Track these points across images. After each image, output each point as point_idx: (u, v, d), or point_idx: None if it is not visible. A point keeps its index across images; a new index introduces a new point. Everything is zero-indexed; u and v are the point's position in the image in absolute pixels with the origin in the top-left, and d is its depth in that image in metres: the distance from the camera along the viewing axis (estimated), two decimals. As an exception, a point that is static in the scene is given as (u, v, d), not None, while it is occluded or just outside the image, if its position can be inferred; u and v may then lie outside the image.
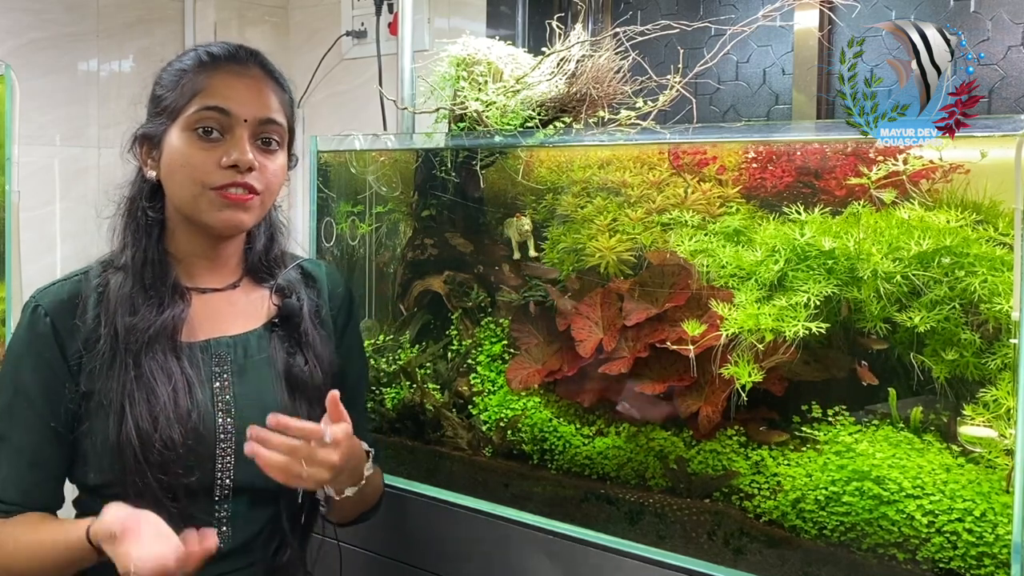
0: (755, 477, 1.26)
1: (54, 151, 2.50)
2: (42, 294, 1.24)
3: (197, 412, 1.19)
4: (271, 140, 1.24)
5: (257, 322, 1.30)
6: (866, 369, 1.22)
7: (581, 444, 1.42)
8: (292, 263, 1.37)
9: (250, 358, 1.27)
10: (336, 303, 1.40)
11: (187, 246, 1.27)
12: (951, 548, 1.10)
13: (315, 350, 1.31)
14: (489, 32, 2.29)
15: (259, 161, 1.21)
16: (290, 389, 1.28)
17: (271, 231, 1.35)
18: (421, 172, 1.71)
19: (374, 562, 1.57)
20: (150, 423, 1.16)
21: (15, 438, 1.20)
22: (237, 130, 1.20)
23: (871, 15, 1.84)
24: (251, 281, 1.33)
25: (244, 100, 1.21)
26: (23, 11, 2.41)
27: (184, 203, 1.22)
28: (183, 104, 1.20)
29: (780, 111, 2.01)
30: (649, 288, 1.40)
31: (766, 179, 1.36)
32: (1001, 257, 1.13)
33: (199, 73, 1.22)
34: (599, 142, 1.43)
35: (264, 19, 2.74)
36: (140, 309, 1.20)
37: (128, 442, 1.15)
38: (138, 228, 1.25)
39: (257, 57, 1.27)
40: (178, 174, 1.21)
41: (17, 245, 1.82)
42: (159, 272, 1.23)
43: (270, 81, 1.26)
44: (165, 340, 1.20)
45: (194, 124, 1.20)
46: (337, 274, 1.45)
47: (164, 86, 1.24)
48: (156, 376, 1.18)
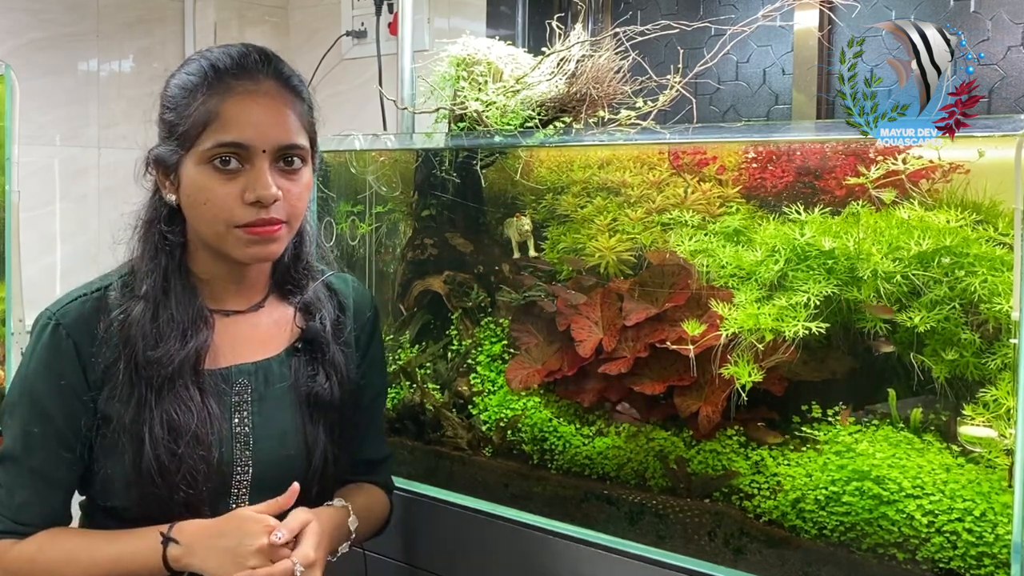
0: (755, 477, 1.26)
1: (54, 151, 2.50)
2: (62, 311, 1.17)
3: (218, 444, 1.16)
4: (294, 160, 1.16)
5: (280, 347, 1.26)
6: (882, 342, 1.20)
7: (581, 444, 1.42)
8: (319, 274, 1.31)
9: (271, 386, 1.23)
10: (361, 320, 1.35)
11: (212, 268, 1.21)
12: (951, 548, 1.10)
13: (336, 368, 1.27)
14: (489, 32, 2.30)
15: (282, 187, 1.14)
16: (310, 412, 1.24)
17: (297, 241, 1.28)
18: (421, 172, 1.71)
19: (374, 562, 1.57)
20: (169, 458, 1.13)
21: (34, 461, 1.16)
22: (257, 161, 1.12)
23: (871, 15, 1.84)
24: (277, 297, 1.28)
25: (261, 128, 1.12)
26: (23, 11, 2.41)
27: (209, 238, 1.16)
28: (196, 135, 1.12)
29: (780, 111, 2.01)
30: (649, 288, 1.40)
31: (766, 179, 1.36)
32: (1001, 257, 1.13)
33: (209, 96, 1.12)
34: (599, 142, 1.43)
35: (264, 19, 2.74)
36: (162, 341, 1.15)
37: (148, 476, 1.13)
38: (157, 252, 1.18)
39: (270, 65, 1.17)
40: (200, 210, 1.14)
41: (17, 245, 1.82)
42: (182, 298, 1.17)
43: (286, 94, 1.16)
44: (188, 372, 1.16)
45: (210, 158, 1.12)
46: (365, 292, 1.40)
47: (172, 108, 1.16)
48: (179, 411, 1.14)
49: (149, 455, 1.12)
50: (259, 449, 1.20)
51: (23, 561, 1.15)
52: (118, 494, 1.17)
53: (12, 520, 1.16)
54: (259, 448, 1.20)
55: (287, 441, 1.21)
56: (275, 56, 1.19)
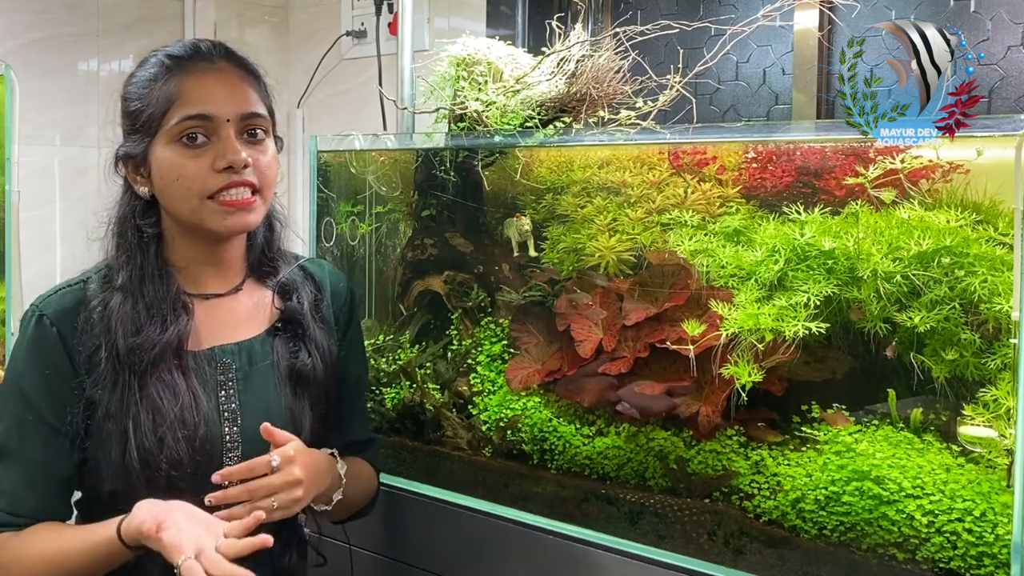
0: (755, 477, 1.26)
1: (54, 151, 2.50)
2: (44, 303, 1.21)
3: (204, 426, 1.18)
4: (256, 131, 1.22)
5: (260, 327, 1.30)
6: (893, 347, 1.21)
7: (581, 444, 1.42)
8: (293, 260, 1.37)
9: (254, 365, 1.26)
10: (339, 301, 1.40)
11: (189, 253, 1.25)
12: (951, 548, 1.10)
13: (317, 345, 1.31)
14: (489, 32, 2.29)
15: (251, 156, 1.19)
16: (294, 389, 1.28)
17: (270, 222, 1.34)
18: (421, 172, 1.71)
19: (374, 562, 1.57)
20: (155, 444, 1.15)
21: (26, 452, 1.18)
22: (222, 131, 1.18)
23: (871, 15, 1.84)
24: (254, 281, 1.33)
25: (222, 99, 1.18)
26: (23, 11, 2.41)
27: (185, 215, 1.20)
28: (160, 116, 1.17)
29: (780, 111, 2.01)
30: (649, 288, 1.40)
31: (766, 179, 1.36)
32: (1001, 257, 1.13)
33: (168, 80, 1.18)
34: (599, 142, 1.43)
35: (264, 19, 2.74)
36: (143, 328, 1.18)
37: (132, 463, 1.15)
38: (131, 247, 1.22)
39: (221, 48, 1.24)
40: (173, 188, 1.19)
41: (17, 245, 1.82)
42: (159, 286, 1.21)
43: (241, 72, 1.23)
44: (170, 356, 1.18)
45: (177, 135, 1.17)
46: (339, 273, 1.45)
47: (135, 100, 1.21)
48: (162, 395, 1.17)
49: (132, 443, 1.14)
50: (247, 427, 1.22)
51: (13, 557, 1.16)
52: (108, 482, 1.18)
53: (7, 512, 1.17)
54: (246, 425, 1.22)
55: (273, 417, 1.22)
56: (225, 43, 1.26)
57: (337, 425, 1.35)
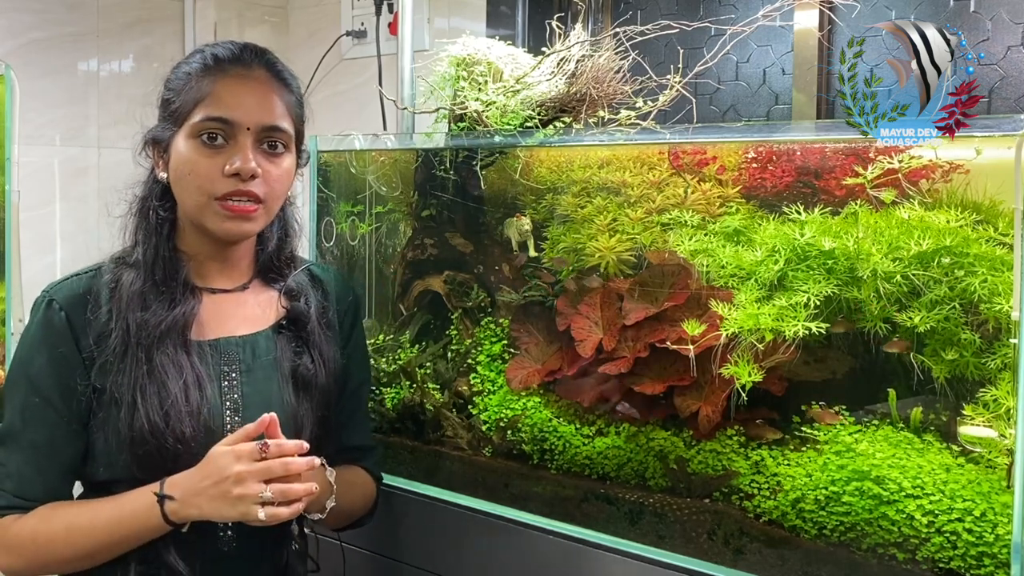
0: (755, 477, 1.26)
1: (54, 151, 2.50)
2: (55, 289, 1.24)
3: (207, 408, 1.20)
4: (277, 144, 1.24)
5: (265, 324, 1.31)
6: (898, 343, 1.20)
7: (581, 444, 1.42)
8: (300, 264, 1.38)
9: (258, 359, 1.28)
10: (343, 307, 1.41)
11: (198, 246, 1.28)
12: (951, 548, 1.10)
13: (321, 350, 1.32)
14: (489, 32, 2.30)
15: (263, 167, 1.22)
16: (295, 389, 1.29)
17: (284, 230, 1.36)
18: (421, 172, 1.71)
19: (374, 562, 1.57)
20: (161, 417, 1.16)
21: (33, 435, 1.20)
22: (240, 138, 1.20)
23: (871, 15, 1.84)
24: (261, 282, 1.35)
25: (247, 107, 1.21)
26: (23, 11, 2.41)
27: (190, 210, 1.23)
28: (188, 111, 1.21)
29: (780, 111, 2.01)
30: (649, 288, 1.40)
31: (766, 179, 1.36)
32: (1001, 257, 1.13)
33: (203, 78, 1.22)
34: (599, 142, 1.43)
35: (264, 19, 2.74)
36: (152, 305, 1.21)
37: (140, 435, 1.16)
38: (149, 227, 1.26)
39: (263, 57, 1.27)
40: (184, 181, 1.22)
41: (17, 245, 1.82)
42: (170, 269, 1.24)
43: (275, 83, 1.26)
44: (176, 336, 1.21)
45: (198, 132, 1.20)
46: (345, 279, 1.47)
47: (172, 90, 1.25)
48: (167, 371, 1.19)
49: (140, 414, 1.16)
50: (248, 417, 1.22)
51: (25, 536, 1.17)
52: (112, 464, 1.19)
53: (14, 495, 1.19)
54: (248, 415, 1.23)
55: (275, 411, 1.22)
56: (270, 52, 1.29)
57: (335, 428, 1.36)
